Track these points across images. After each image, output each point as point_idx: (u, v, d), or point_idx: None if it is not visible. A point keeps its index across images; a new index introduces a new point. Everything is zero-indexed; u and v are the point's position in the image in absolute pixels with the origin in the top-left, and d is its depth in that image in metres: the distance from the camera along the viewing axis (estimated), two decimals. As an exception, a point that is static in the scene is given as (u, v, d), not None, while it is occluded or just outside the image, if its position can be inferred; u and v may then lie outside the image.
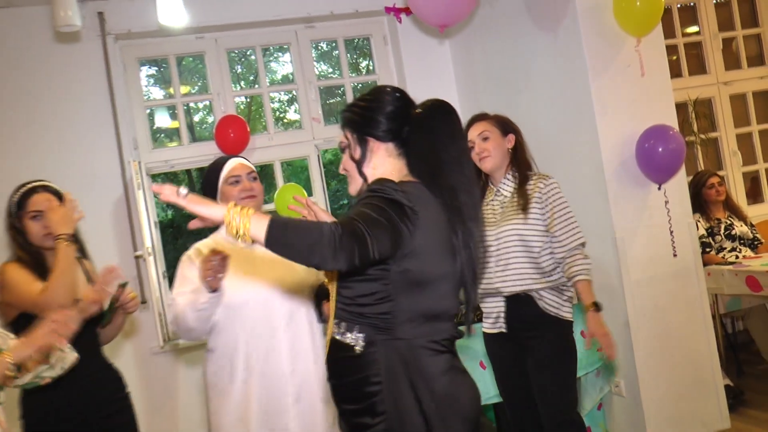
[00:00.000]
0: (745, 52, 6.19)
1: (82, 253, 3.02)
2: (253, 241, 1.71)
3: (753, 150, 6.19)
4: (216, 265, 2.54)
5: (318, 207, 2.51)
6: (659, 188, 4.08)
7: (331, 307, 2.09)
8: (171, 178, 10.50)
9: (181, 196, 1.76)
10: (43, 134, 4.69)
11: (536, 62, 4.49)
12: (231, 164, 2.92)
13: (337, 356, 2.04)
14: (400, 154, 2.12)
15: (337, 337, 2.03)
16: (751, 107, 6.16)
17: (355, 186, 2.16)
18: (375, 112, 2.10)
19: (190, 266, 2.80)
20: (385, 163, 2.11)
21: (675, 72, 5.96)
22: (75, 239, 2.89)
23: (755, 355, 5.51)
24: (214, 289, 2.60)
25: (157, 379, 4.78)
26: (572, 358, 3.27)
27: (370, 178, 2.09)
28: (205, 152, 5.12)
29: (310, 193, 5.21)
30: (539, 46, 4.42)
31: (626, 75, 4.09)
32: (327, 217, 2.40)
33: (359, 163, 2.12)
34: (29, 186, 2.90)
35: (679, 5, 6.00)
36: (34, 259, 2.83)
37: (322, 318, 2.89)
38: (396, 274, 1.94)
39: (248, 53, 7.16)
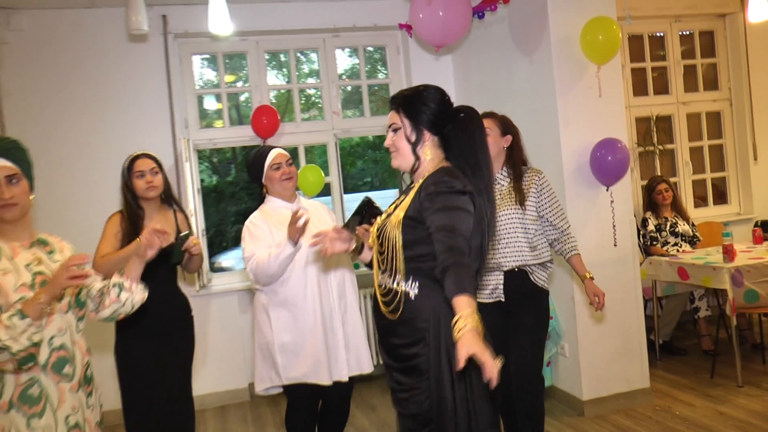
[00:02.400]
0: (702, 77, 6.37)
1: (178, 206, 3.51)
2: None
3: (703, 161, 6.39)
4: (301, 227, 3.02)
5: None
6: (607, 190, 4.31)
7: (375, 262, 2.38)
8: (217, 151, 10.83)
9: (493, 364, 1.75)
10: (111, 114, 5.03)
11: (516, 79, 4.72)
12: (273, 153, 3.39)
13: (392, 301, 2.26)
14: (439, 146, 2.32)
15: (394, 286, 2.27)
16: (704, 125, 6.36)
17: (400, 161, 2.35)
18: (429, 108, 2.29)
19: (257, 229, 3.25)
20: (430, 150, 2.31)
21: (642, 91, 6.19)
22: (170, 196, 3.45)
23: (685, 331, 5.85)
24: (295, 243, 3.07)
25: (194, 316, 5.18)
26: (548, 324, 3.49)
27: (422, 160, 2.30)
28: (243, 134, 5.49)
29: (326, 173, 5.54)
30: (519, 67, 4.66)
31: (587, 95, 4.30)
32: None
33: (414, 145, 2.31)
34: (135, 154, 3.38)
35: (649, 34, 6.20)
36: (131, 214, 3.29)
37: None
38: None
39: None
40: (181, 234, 3.21)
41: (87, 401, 2.29)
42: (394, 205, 2.37)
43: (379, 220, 2.41)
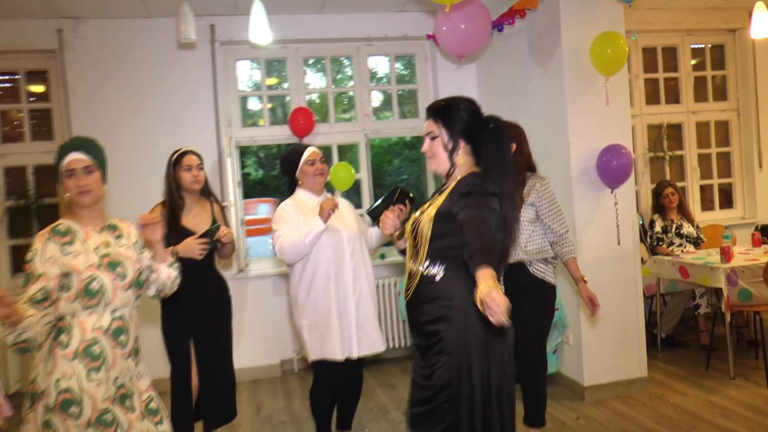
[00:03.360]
0: (712, 88, 6.36)
1: (214, 198, 3.70)
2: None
3: (710, 167, 6.39)
4: (331, 208, 3.32)
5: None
6: (612, 192, 4.39)
7: (408, 251, 2.52)
8: (263, 147, 11.08)
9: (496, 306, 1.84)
10: (163, 113, 5.27)
11: (531, 88, 4.82)
12: (309, 151, 3.61)
13: (421, 284, 2.39)
14: (471, 153, 2.44)
15: (420, 270, 2.39)
16: (712, 133, 6.36)
17: (437, 166, 2.47)
18: (463, 120, 2.41)
19: (289, 214, 3.48)
20: (464, 157, 2.43)
21: (654, 100, 6.21)
22: (208, 189, 3.63)
23: (688, 327, 5.88)
24: (325, 221, 3.34)
25: (233, 297, 5.33)
26: (549, 316, 3.53)
27: (457, 165, 2.42)
28: (281, 133, 5.69)
29: (357, 170, 5.69)
30: (534, 76, 4.76)
31: (595, 104, 4.38)
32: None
33: (450, 152, 2.43)
34: (183, 150, 3.57)
35: (662, 47, 6.21)
36: (173, 203, 3.47)
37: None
38: None
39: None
40: (212, 226, 3.39)
41: (136, 370, 2.49)
42: (428, 204, 2.50)
43: (413, 215, 2.54)
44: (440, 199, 2.40)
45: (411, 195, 3.14)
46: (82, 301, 2.31)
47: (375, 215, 3.48)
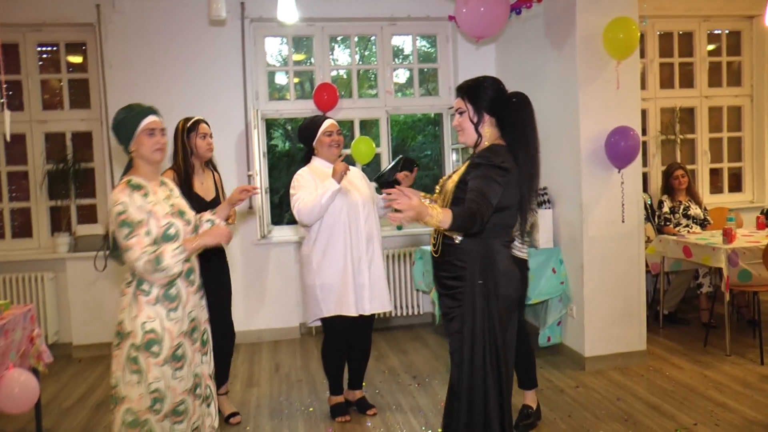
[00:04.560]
0: (726, 74, 6.31)
1: (214, 168, 3.77)
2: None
3: (721, 151, 6.36)
4: (343, 169, 3.45)
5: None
6: (619, 172, 4.42)
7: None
8: (290, 120, 11.13)
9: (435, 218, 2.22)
10: (194, 87, 5.39)
11: (546, 70, 4.84)
12: (327, 122, 3.75)
13: (444, 244, 2.60)
14: (496, 125, 2.61)
15: (445, 232, 2.55)
16: (725, 118, 6.31)
17: (465, 138, 2.65)
18: (488, 96, 2.58)
19: (306, 180, 3.63)
20: (489, 129, 2.60)
21: (669, 84, 6.18)
22: (210, 160, 3.70)
23: (692, 305, 5.93)
24: (338, 182, 3.48)
25: (256, 261, 5.58)
26: (523, 287, 3.54)
27: (483, 136, 2.59)
28: (305, 107, 5.78)
29: (377, 144, 5.79)
30: (549, 59, 4.78)
31: (606, 87, 4.40)
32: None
33: (476, 125, 2.60)
34: (198, 118, 3.66)
35: (679, 32, 6.18)
36: (187, 170, 3.54)
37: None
38: None
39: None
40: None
41: (200, 302, 2.75)
42: (454, 171, 2.68)
43: (441, 181, 2.72)
44: (462, 169, 2.58)
45: (416, 162, 3.24)
46: (161, 245, 2.49)
47: (382, 181, 3.60)
